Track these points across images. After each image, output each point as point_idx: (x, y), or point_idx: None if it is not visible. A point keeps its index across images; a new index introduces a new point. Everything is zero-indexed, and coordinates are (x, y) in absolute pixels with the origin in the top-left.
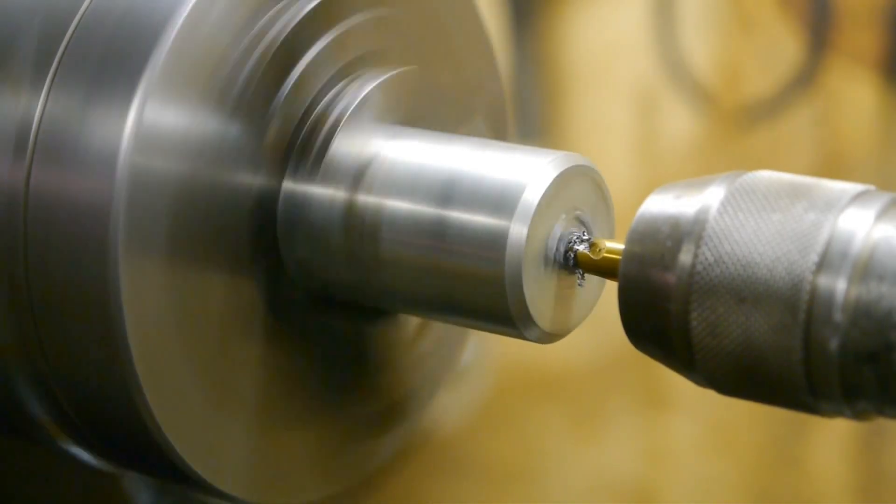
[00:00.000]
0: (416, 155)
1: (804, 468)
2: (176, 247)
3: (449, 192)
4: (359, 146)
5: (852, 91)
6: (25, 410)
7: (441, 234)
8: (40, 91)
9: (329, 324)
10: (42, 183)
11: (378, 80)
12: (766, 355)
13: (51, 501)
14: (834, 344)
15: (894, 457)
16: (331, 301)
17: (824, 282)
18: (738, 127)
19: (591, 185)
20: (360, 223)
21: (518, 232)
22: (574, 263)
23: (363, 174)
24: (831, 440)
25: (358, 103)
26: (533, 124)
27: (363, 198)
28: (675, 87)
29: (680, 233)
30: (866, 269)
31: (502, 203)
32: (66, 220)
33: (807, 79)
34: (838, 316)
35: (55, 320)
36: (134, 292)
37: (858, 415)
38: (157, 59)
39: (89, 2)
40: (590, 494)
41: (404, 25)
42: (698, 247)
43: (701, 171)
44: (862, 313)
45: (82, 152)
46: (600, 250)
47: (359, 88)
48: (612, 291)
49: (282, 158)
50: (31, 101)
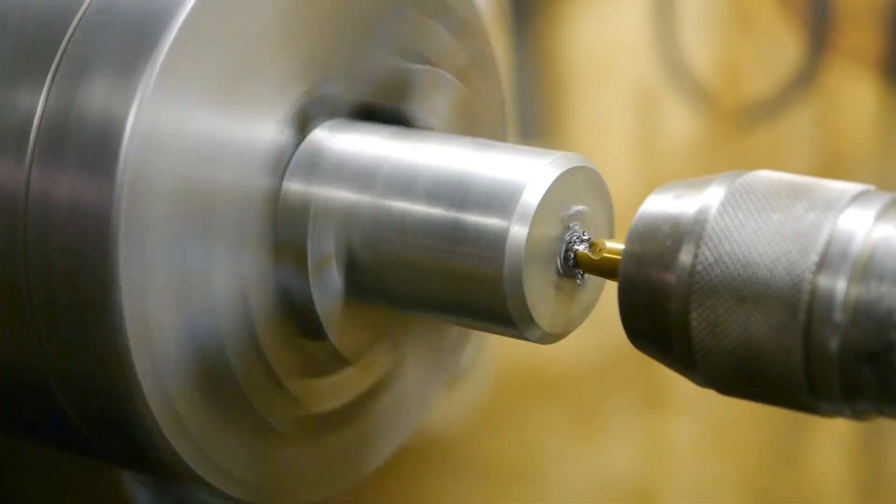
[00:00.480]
0: (416, 155)
1: (804, 468)
2: (176, 246)
3: (449, 193)
4: (359, 146)
5: (852, 91)
6: (25, 410)
7: (441, 235)
8: (40, 90)
9: None
10: (42, 183)
11: None
12: (766, 355)
13: (51, 501)
14: (834, 344)
15: (894, 457)
16: None
17: (824, 282)
18: (738, 127)
19: (591, 185)
20: (360, 223)
21: (518, 232)
22: (574, 263)
23: (363, 174)
24: (831, 440)
25: None
26: (533, 124)
27: (364, 198)
28: (675, 87)
29: (680, 232)
30: (866, 269)
31: (502, 203)
32: (66, 220)
33: (807, 79)
34: (838, 316)
35: (55, 320)
36: (134, 292)
37: (858, 415)
38: (157, 58)
39: (89, 1)
40: (590, 494)
41: None
42: (698, 247)
43: (701, 171)
44: (862, 313)
45: (82, 152)
46: (600, 250)
47: None
48: (612, 291)
49: (282, 158)
50: (32, 101)
